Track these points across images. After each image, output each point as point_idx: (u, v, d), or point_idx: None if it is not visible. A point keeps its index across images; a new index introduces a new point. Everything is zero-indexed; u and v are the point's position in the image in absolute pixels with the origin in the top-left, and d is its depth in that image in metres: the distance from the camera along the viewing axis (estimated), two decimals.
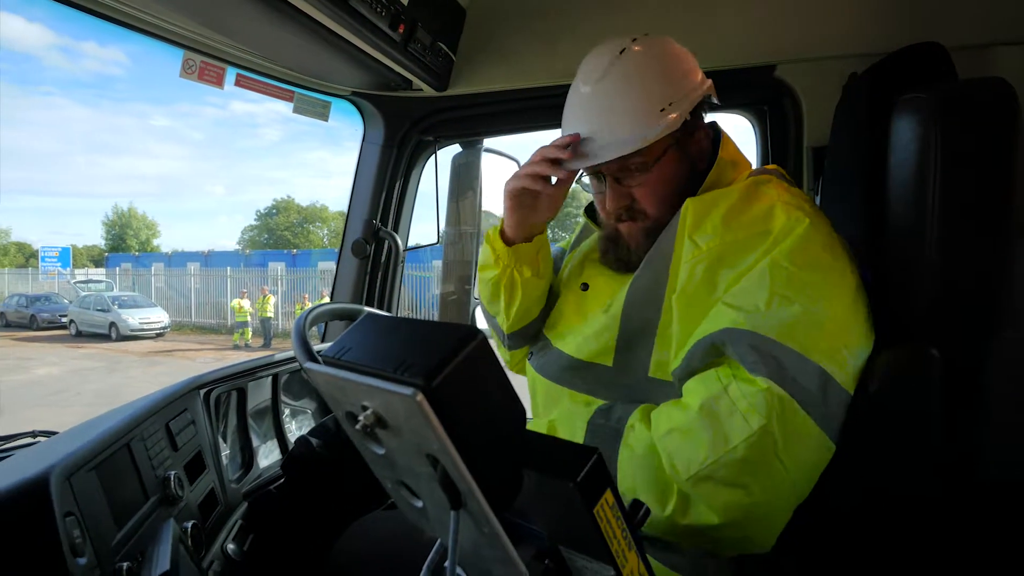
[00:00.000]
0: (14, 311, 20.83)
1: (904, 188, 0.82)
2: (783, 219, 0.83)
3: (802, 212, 0.84)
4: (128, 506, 0.82)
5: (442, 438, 0.45)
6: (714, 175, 0.97)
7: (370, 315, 0.59)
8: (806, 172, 1.49)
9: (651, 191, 0.98)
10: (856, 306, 0.80)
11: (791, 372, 0.75)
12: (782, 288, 0.78)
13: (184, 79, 1.37)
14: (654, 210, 0.99)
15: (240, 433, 1.33)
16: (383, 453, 0.55)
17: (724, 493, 0.76)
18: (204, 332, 19.25)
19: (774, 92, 1.52)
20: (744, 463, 0.75)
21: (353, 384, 0.50)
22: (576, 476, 0.50)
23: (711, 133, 1.03)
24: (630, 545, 0.54)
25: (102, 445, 0.80)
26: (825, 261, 0.81)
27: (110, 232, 37.35)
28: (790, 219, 0.83)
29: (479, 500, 0.47)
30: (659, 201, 0.98)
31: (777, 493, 0.76)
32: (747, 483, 0.75)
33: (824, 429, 0.75)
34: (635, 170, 0.97)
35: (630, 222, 1.00)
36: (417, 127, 1.75)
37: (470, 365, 0.46)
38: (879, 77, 1.01)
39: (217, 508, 1.10)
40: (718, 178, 0.97)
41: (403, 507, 0.62)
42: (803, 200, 0.89)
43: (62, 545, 0.64)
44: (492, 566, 0.54)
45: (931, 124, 0.78)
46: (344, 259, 1.78)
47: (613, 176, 0.98)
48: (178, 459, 1.00)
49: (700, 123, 1.00)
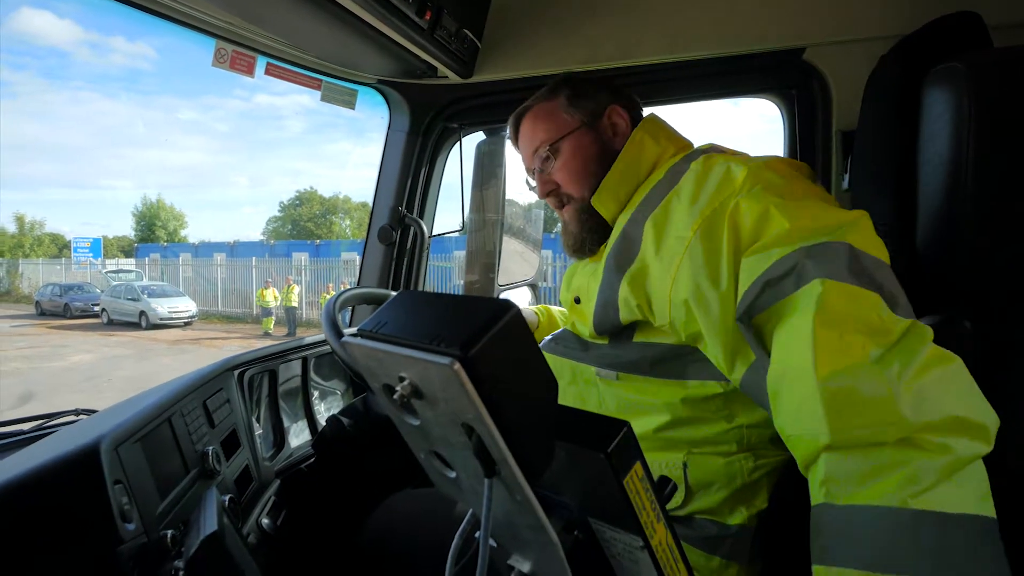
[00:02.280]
0: (48, 300, 21.46)
1: (937, 160, 0.80)
2: (743, 170, 0.84)
3: (748, 159, 0.88)
4: (170, 478, 0.86)
5: (478, 406, 0.46)
6: (628, 152, 1.05)
7: (405, 291, 0.61)
8: (835, 157, 1.46)
9: (565, 169, 1.10)
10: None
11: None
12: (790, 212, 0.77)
13: (216, 68, 1.40)
14: (572, 188, 1.10)
15: (272, 414, 1.37)
16: (418, 424, 0.57)
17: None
18: (230, 321, 19.61)
19: (802, 76, 1.50)
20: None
21: (391, 356, 0.52)
22: (607, 447, 0.51)
23: (626, 114, 1.12)
24: (659, 517, 0.56)
25: (146, 419, 0.83)
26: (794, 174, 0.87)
27: (139, 223, 38.14)
28: (748, 164, 0.85)
29: (512, 468, 0.49)
30: (573, 177, 1.10)
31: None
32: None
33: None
34: (547, 157, 1.11)
35: (567, 208, 1.13)
36: (442, 114, 1.76)
37: (505, 336, 0.47)
38: (911, 50, 0.99)
39: (252, 484, 1.14)
40: (636, 154, 1.05)
41: (435, 478, 0.64)
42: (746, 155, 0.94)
43: (113, 510, 0.67)
44: (524, 534, 0.56)
45: (966, 93, 0.76)
46: (370, 245, 1.81)
47: (536, 168, 1.14)
48: (215, 435, 1.04)
49: (612, 106, 1.11)
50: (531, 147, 1.15)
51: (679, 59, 1.53)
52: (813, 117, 1.51)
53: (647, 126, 1.08)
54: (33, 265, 29.75)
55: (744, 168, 0.84)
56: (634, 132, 1.07)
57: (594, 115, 1.11)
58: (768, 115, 23.90)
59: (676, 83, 1.59)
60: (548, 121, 1.13)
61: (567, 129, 1.10)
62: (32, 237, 36.74)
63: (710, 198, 0.83)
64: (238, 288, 20.53)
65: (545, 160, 1.12)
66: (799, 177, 0.88)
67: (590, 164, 1.09)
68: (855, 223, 0.74)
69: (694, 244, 0.82)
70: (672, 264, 0.84)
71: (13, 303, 26.31)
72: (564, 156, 1.10)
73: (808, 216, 0.75)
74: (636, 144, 1.06)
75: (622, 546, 0.57)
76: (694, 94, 1.61)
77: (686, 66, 1.54)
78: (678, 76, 1.58)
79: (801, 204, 0.78)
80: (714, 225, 0.81)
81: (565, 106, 1.12)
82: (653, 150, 1.05)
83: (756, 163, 0.86)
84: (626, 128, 1.11)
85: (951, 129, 0.77)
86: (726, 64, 1.53)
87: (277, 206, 44.71)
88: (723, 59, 1.52)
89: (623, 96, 1.15)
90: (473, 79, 1.67)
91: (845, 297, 0.68)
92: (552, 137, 1.11)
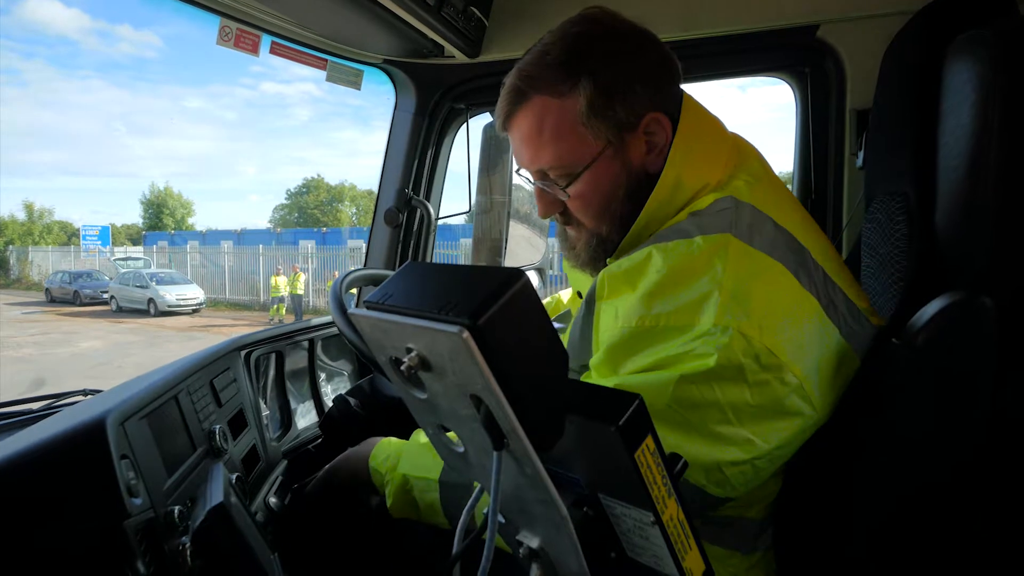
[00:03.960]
0: (58, 287, 21.67)
1: (960, 132, 0.78)
2: (709, 323, 0.72)
3: (733, 320, 0.71)
4: (177, 455, 0.86)
5: (487, 376, 0.45)
6: (661, 193, 0.84)
7: (412, 262, 0.60)
8: (848, 136, 1.44)
9: (580, 201, 0.88)
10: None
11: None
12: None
13: (220, 47, 1.39)
14: (588, 221, 0.90)
15: (279, 394, 1.37)
16: (426, 398, 0.56)
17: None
18: (238, 308, 19.73)
19: (816, 54, 1.47)
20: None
21: (398, 326, 0.51)
22: (618, 420, 0.50)
23: (668, 122, 0.86)
24: (670, 492, 0.55)
25: (152, 395, 0.83)
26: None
27: (147, 211, 38.33)
28: (717, 324, 0.71)
29: (522, 440, 0.48)
30: (593, 214, 0.89)
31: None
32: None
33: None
34: (556, 179, 0.88)
35: (575, 229, 0.94)
36: (449, 95, 1.74)
37: (515, 305, 0.46)
38: (932, 19, 0.95)
39: (259, 464, 1.14)
40: (670, 195, 0.84)
41: (443, 454, 0.63)
42: (751, 282, 0.75)
43: (119, 484, 0.67)
44: (533, 508, 0.55)
45: (992, 62, 0.73)
46: (377, 228, 1.80)
47: (536, 183, 0.91)
48: (222, 414, 1.03)
49: (651, 115, 0.85)
50: (532, 163, 0.90)
51: (691, 37, 1.50)
52: (826, 96, 1.48)
53: (680, 157, 0.84)
54: (43, 252, 30.00)
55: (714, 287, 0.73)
56: (666, 171, 0.84)
57: (625, 127, 0.84)
58: (773, 103, 23.58)
59: (688, 63, 1.55)
60: (561, 138, 0.85)
61: (587, 155, 0.85)
62: (41, 225, 37.02)
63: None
64: (246, 276, 20.63)
65: (551, 182, 0.89)
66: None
67: (615, 200, 0.87)
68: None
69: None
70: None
71: (23, 290, 26.57)
72: (580, 188, 0.87)
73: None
74: (670, 187, 0.84)
75: (632, 522, 0.56)
76: (706, 74, 1.59)
77: (698, 45, 1.52)
78: (690, 55, 1.54)
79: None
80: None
81: (586, 116, 0.83)
82: (688, 191, 0.84)
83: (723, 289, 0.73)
84: (665, 140, 0.86)
85: (976, 99, 0.75)
86: (738, 43, 1.50)
87: (284, 194, 44.83)
88: (735, 37, 1.49)
89: (661, 77, 0.87)
90: (480, 58, 1.65)
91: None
92: (565, 163, 0.86)
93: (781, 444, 0.74)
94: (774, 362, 0.72)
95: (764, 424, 0.73)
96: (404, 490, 0.95)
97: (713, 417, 0.72)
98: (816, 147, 1.51)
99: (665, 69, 0.88)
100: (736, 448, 0.72)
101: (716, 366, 0.70)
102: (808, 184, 1.52)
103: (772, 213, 0.81)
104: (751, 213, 0.80)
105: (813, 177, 1.51)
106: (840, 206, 1.48)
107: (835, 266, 0.83)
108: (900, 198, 0.89)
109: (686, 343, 0.72)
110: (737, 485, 0.74)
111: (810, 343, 0.75)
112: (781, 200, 0.86)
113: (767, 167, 0.92)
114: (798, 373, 0.73)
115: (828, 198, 1.50)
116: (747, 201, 0.81)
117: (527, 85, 0.86)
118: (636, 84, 0.84)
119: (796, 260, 0.79)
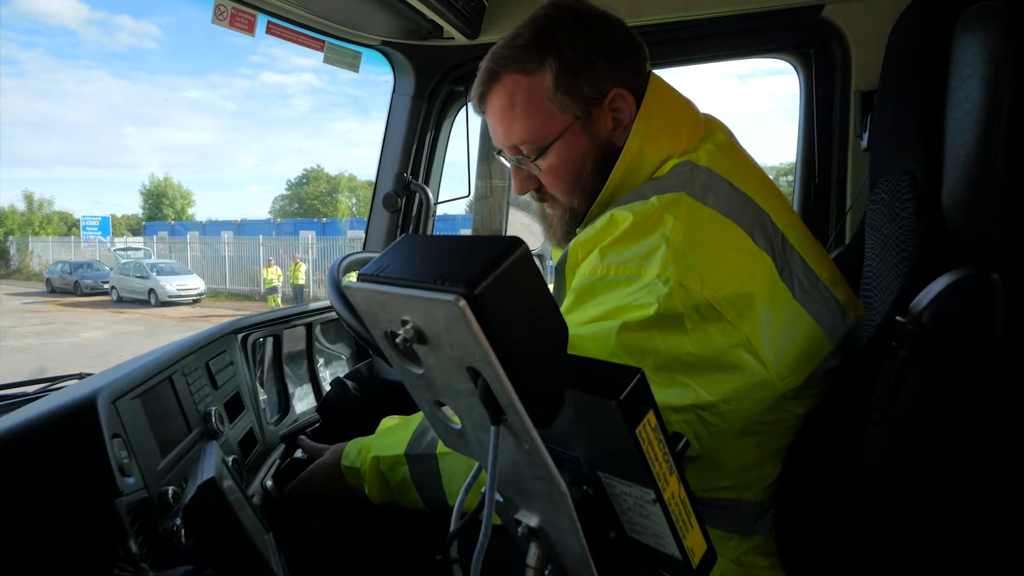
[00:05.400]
0: (59, 277, 21.67)
1: (969, 106, 0.76)
2: (653, 275, 0.75)
3: (675, 272, 0.75)
4: (172, 436, 0.85)
5: (484, 346, 0.44)
6: (624, 163, 0.88)
7: (408, 235, 0.59)
8: (853, 118, 1.42)
9: (552, 176, 0.92)
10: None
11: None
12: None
13: (216, 26, 1.36)
14: (561, 196, 0.94)
15: (276, 379, 1.36)
16: (422, 373, 0.55)
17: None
18: (239, 299, 19.74)
19: (821, 34, 1.45)
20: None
21: (393, 297, 0.50)
22: (619, 394, 0.49)
23: (631, 98, 0.90)
24: (671, 469, 0.53)
25: (146, 375, 0.82)
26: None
27: (147, 202, 38.28)
28: (660, 275, 0.75)
29: (520, 413, 0.46)
30: (564, 187, 0.93)
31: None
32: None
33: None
34: (528, 154, 0.92)
35: (551, 206, 0.98)
36: (448, 77, 1.72)
37: (513, 274, 0.45)
38: None
39: (256, 447, 1.13)
40: (632, 165, 0.88)
41: (440, 432, 0.62)
42: (695, 238, 0.78)
43: (111, 463, 0.66)
44: (531, 486, 0.54)
45: (1003, 33, 0.71)
46: (375, 212, 1.78)
47: (511, 160, 0.95)
48: (218, 397, 1.02)
49: (616, 90, 0.89)
50: (505, 139, 0.94)
51: (694, 17, 1.48)
52: (831, 77, 1.46)
53: (644, 128, 0.88)
54: (43, 243, 30.00)
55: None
56: (629, 141, 0.88)
57: (591, 103, 0.89)
58: (776, 93, 23.53)
59: (690, 43, 1.54)
60: (530, 113, 0.90)
61: (555, 129, 0.89)
62: (41, 215, 36.98)
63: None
64: (246, 266, 20.62)
65: (524, 157, 0.93)
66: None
67: (584, 173, 0.91)
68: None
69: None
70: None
71: (24, 280, 26.58)
72: (551, 161, 0.91)
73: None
74: (632, 156, 0.88)
75: (633, 500, 0.55)
76: (709, 54, 1.56)
77: (701, 25, 1.49)
78: (692, 35, 1.53)
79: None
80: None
81: (553, 91, 0.88)
82: (651, 162, 0.88)
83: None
84: (630, 114, 0.90)
85: (986, 71, 0.73)
86: (741, 22, 1.48)
87: (284, 184, 44.74)
88: (738, 17, 1.47)
89: (627, 58, 0.92)
90: (480, 40, 1.63)
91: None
92: (534, 138, 0.90)
93: (727, 398, 0.75)
94: (714, 315, 0.74)
95: (706, 375, 0.74)
96: (378, 473, 0.96)
97: (654, 364, 0.74)
98: (820, 130, 1.49)
99: (629, 49, 0.92)
100: (678, 391, 0.74)
101: (656, 314, 0.73)
102: (812, 167, 1.50)
103: (730, 177, 0.85)
104: (706, 175, 0.84)
105: (817, 160, 1.49)
106: (844, 189, 1.46)
107: (798, 233, 0.86)
108: (906, 176, 0.87)
109: (631, 293, 0.76)
110: (687, 437, 0.74)
111: (759, 300, 0.77)
112: (742, 167, 0.89)
113: (734, 140, 0.95)
114: (743, 327, 0.75)
115: (832, 181, 1.48)
116: (704, 165, 0.85)
117: (499, 65, 0.92)
118: (599, 61, 0.89)
119: (751, 220, 0.81)
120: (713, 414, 0.75)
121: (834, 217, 1.47)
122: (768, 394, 0.78)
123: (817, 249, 0.88)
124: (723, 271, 0.76)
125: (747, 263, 0.79)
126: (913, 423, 0.73)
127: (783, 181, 8.96)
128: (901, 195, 0.87)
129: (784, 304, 0.79)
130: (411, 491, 0.93)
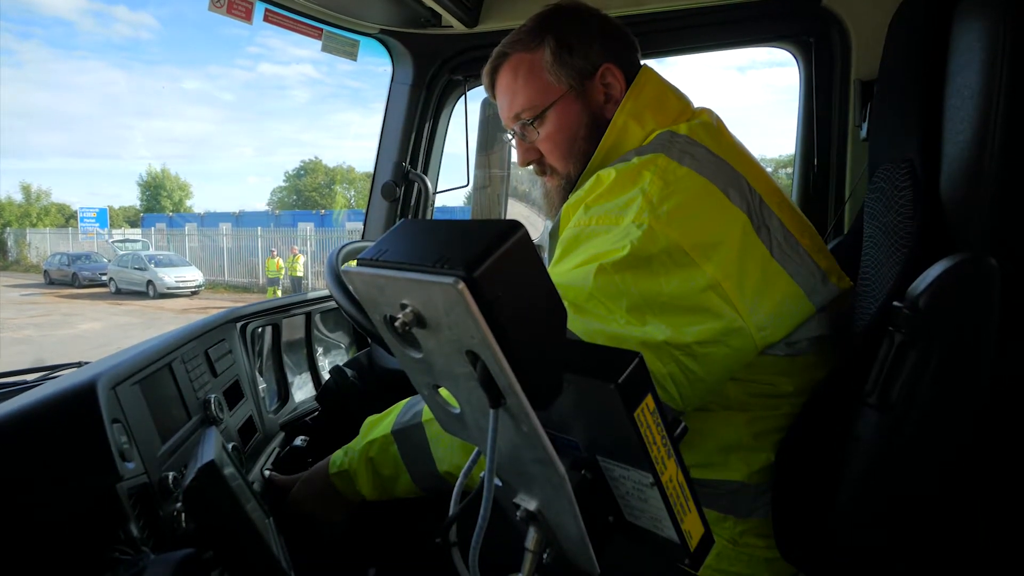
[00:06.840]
0: (57, 269, 21.63)
1: (967, 92, 0.76)
2: (628, 221, 0.81)
3: (649, 218, 0.80)
4: (172, 422, 0.85)
5: (483, 330, 0.44)
6: (611, 135, 0.96)
7: (406, 219, 0.59)
8: (852, 107, 1.42)
9: (549, 142, 1.02)
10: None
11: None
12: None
13: (213, 13, 1.35)
14: (557, 162, 1.03)
15: (276, 367, 1.36)
16: (421, 357, 0.55)
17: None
18: (237, 290, 19.72)
19: (821, 23, 1.44)
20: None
21: (392, 281, 0.50)
22: (617, 378, 0.49)
23: (620, 74, 1.01)
24: (669, 453, 0.54)
25: (145, 361, 0.82)
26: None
27: (145, 193, 38.15)
28: (634, 221, 0.81)
29: (519, 396, 0.46)
30: (558, 152, 1.02)
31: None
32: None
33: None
34: (529, 123, 1.02)
35: (551, 178, 1.06)
36: (447, 66, 1.71)
37: (512, 257, 0.45)
38: None
39: (255, 435, 1.13)
40: (619, 138, 0.96)
41: (439, 416, 0.62)
42: (670, 190, 0.83)
43: (111, 447, 0.66)
44: (530, 469, 0.54)
45: (1002, 19, 0.71)
46: (374, 202, 1.78)
47: (516, 133, 1.05)
48: (217, 384, 1.03)
49: (605, 65, 1.00)
50: (510, 110, 1.04)
51: (692, 6, 1.47)
52: (831, 66, 1.46)
53: (631, 105, 0.97)
54: (40, 235, 29.90)
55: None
56: (616, 115, 0.96)
57: (583, 75, 0.99)
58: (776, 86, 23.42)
59: (688, 32, 1.53)
60: (530, 83, 1.01)
61: (552, 96, 1.00)
62: (39, 207, 36.82)
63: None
64: (244, 258, 20.59)
65: (527, 126, 1.03)
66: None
67: (577, 139, 1.00)
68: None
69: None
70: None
71: (22, 272, 26.53)
72: (548, 127, 1.01)
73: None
74: (618, 130, 0.96)
75: (631, 484, 0.55)
76: (709, 43, 1.56)
77: (701, 13, 1.49)
78: (690, 24, 1.52)
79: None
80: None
81: (550, 64, 0.99)
82: (637, 135, 0.95)
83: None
84: (620, 91, 1.00)
85: (983, 57, 0.73)
86: (741, 11, 1.47)
87: (282, 176, 44.58)
88: (738, 6, 1.46)
89: (618, 45, 1.03)
90: (478, 28, 1.62)
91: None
92: (534, 104, 1.00)
93: (700, 340, 0.78)
94: (686, 259, 0.79)
95: (677, 316, 0.78)
96: (368, 463, 0.97)
97: (628, 304, 0.78)
98: (820, 119, 1.49)
99: (621, 39, 1.04)
100: (651, 328, 0.77)
101: (629, 255, 0.78)
102: (811, 157, 1.50)
103: (709, 145, 0.90)
104: (685, 141, 0.90)
105: (816, 150, 1.49)
106: (843, 178, 1.46)
107: (779, 200, 0.90)
108: (905, 164, 0.87)
109: (609, 240, 0.81)
110: (660, 378, 0.77)
111: (730, 249, 0.81)
112: (723, 144, 0.94)
113: (721, 124, 1.00)
114: (713, 272, 0.79)
115: (831, 170, 1.48)
116: (684, 134, 0.91)
117: (507, 48, 1.04)
118: (594, 43, 1.00)
119: (726, 180, 0.86)
120: (688, 355, 0.77)
121: (833, 206, 1.47)
122: (745, 343, 0.80)
123: (799, 219, 0.92)
124: (695, 221, 0.81)
125: (719, 216, 0.83)
126: (909, 407, 0.73)
127: (782, 173, 8.94)
128: (899, 183, 0.87)
129: (760, 259, 0.83)
130: (402, 473, 0.95)
